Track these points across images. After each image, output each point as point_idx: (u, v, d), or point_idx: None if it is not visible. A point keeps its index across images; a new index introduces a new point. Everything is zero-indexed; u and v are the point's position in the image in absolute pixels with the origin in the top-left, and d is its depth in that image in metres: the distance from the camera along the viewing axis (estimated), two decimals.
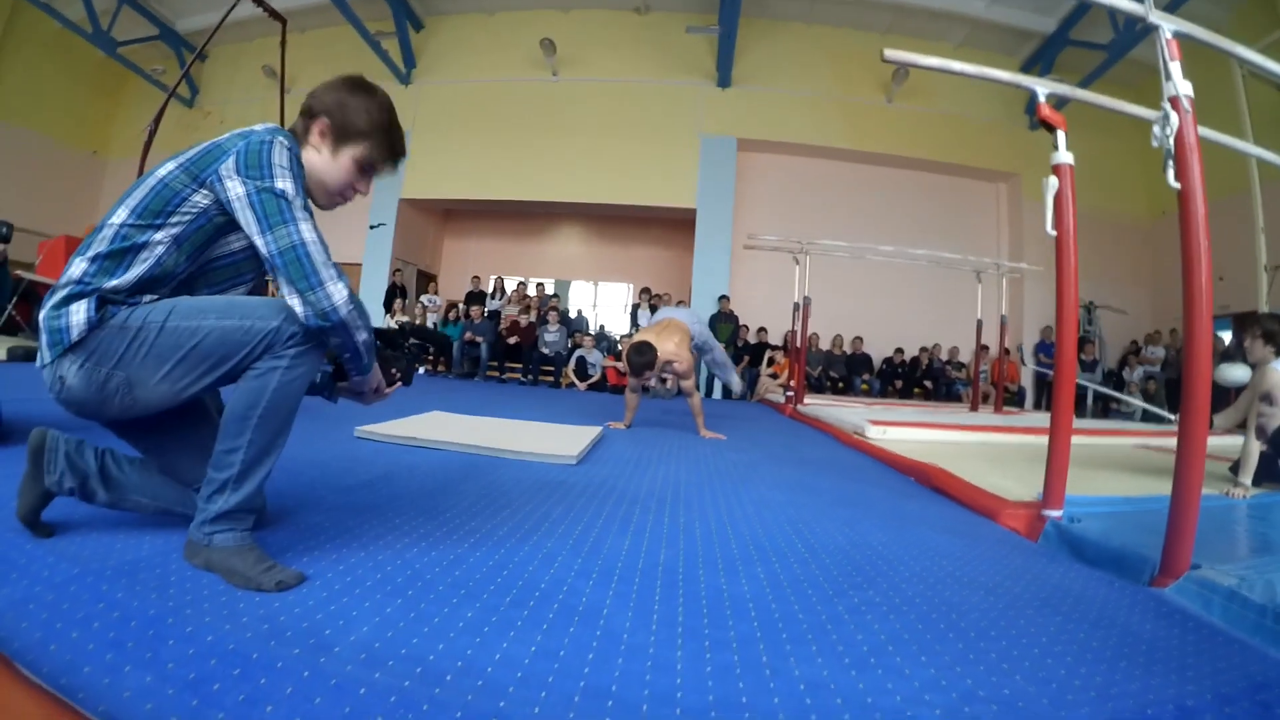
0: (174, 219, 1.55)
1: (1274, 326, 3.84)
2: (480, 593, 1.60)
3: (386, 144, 1.84)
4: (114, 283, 1.51)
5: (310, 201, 1.73)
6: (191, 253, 1.61)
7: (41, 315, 1.50)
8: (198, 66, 16.08)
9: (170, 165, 1.58)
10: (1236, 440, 3.96)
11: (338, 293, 1.56)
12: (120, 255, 1.52)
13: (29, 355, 7.25)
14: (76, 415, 1.58)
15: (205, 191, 1.56)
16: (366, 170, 1.83)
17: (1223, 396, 5.53)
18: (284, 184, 1.57)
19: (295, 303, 1.54)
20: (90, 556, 1.57)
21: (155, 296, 1.58)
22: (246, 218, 1.55)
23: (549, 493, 2.80)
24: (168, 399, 1.55)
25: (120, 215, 1.54)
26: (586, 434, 4.46)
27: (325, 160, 1.76)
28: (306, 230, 1.57)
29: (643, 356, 5.14)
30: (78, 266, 1.51)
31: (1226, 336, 12.38)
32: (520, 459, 3.57)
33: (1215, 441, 5.58)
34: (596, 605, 1.59)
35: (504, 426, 4.66)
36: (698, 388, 5.42)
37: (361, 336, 1.67)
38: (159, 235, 1.55)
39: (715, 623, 1.54)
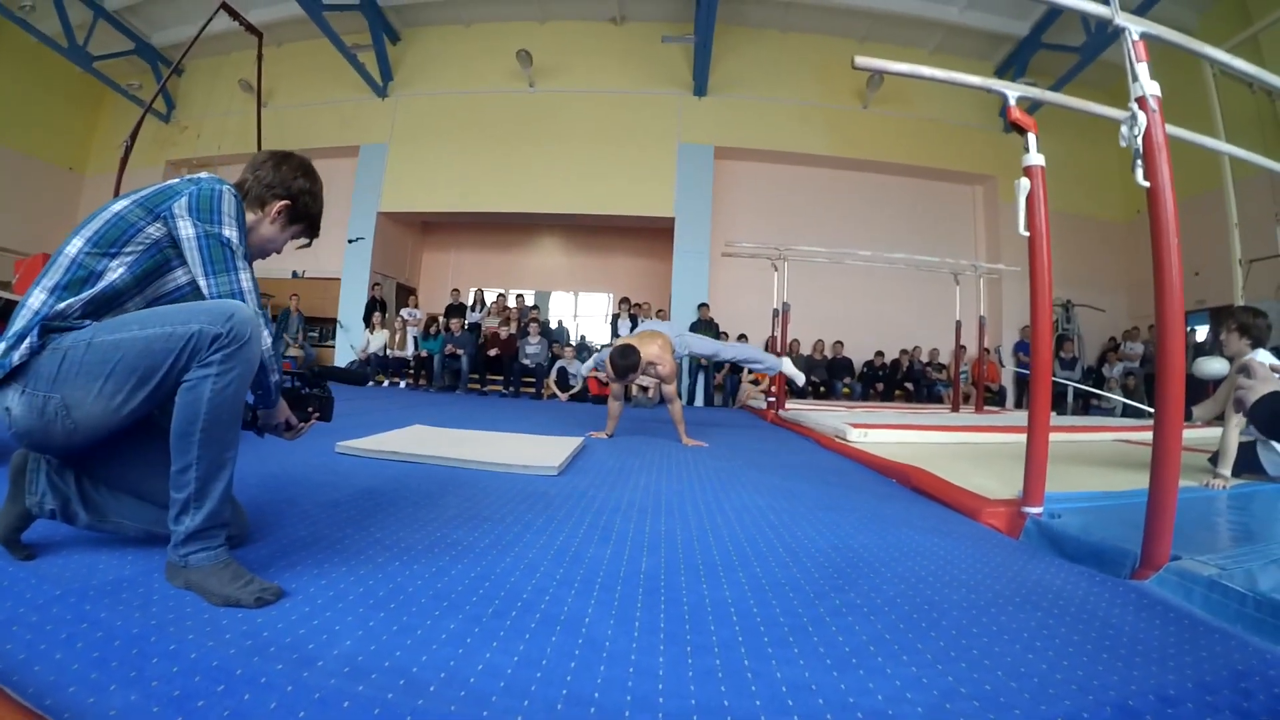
0: (128, 249, 1.64)
1: (1248, 319, 3.89)
2: (463, 604, 1.60)
3: (316, 230, 2.10)
4: (65, 304, 1.57)
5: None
6: (143, 279, 1.67)
7: (1, 341, 1.53)
8: (174, 81, 15.95)
9: (124, 202, 1.68)
10: (1216, 432, 4.00)
11: (266, 339, 1.69)
12: (77, 285, 1.59)
13: None
14: (29, 448, 1.62)
15: (159, 225, 1.66)
16: (285, 244, 2.05)
17: (1201, 389, 5.60)
18: (230, 232, 1.71)
19: None
20: (72, 577, 1.57)
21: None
22: (194, 258, 1.68)
23: (531, 503, 2.80)
24: (107, 419, 1.55)
25: (76, 245, 1.61)
26: (568, 444, 4.45)
27: (274, 231, 1.95)
28: (245, 280, 1.74)
29: (627, 359, 5.14)
30: (36, 297, 1.57)
31: (1203, 331, 12.52)
32: (502, 471, 3.56)
33: (1195, 434, 5.67)
34: (579, 614, 1.60)
35: (485, 439, 4.64)
36: (679, 394, 5.40)
37: (274, 378, 1.85)
38: (114, 263, 1.62)
39: (697, 628, 1.55)
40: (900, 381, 13.77)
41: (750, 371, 12.58)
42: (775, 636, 1.52)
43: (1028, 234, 2.87)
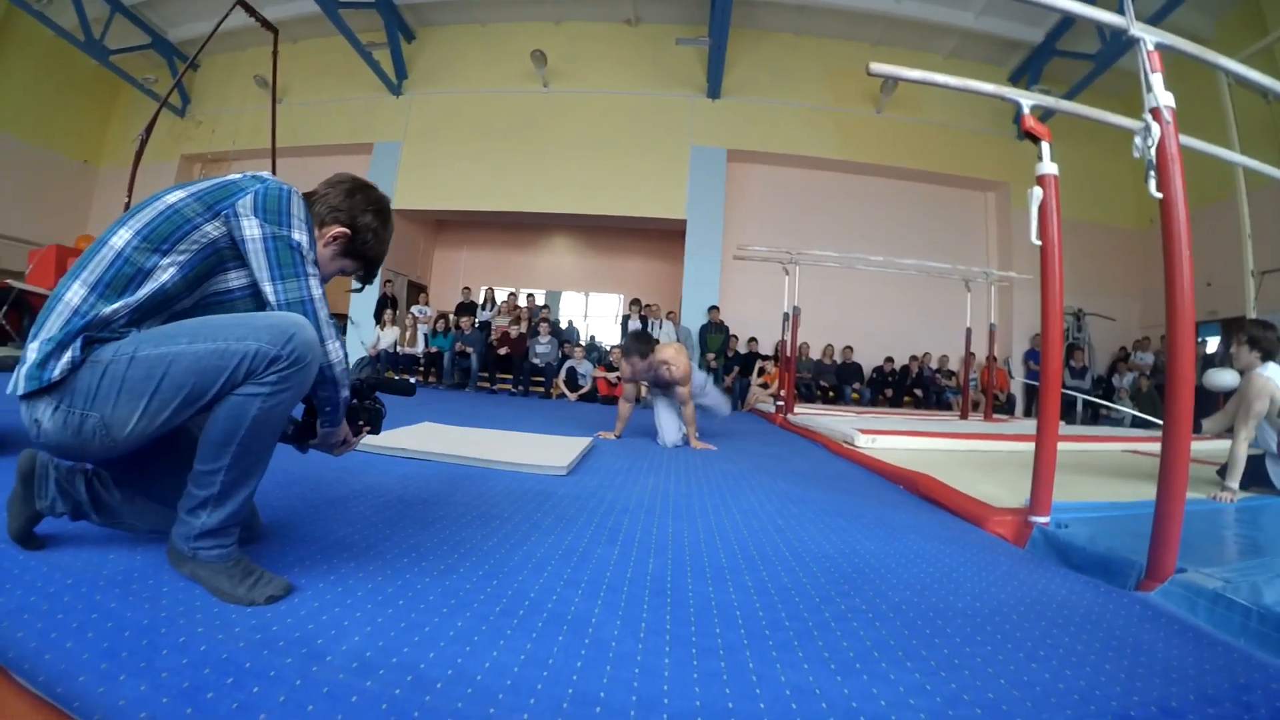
0: (181, 246, 1.52)
1: (1259, 332, 3.88)
2: (470, 602, 1.61)
3: (373, 274, 1.97)
4: (111, 308, 1.45)
5: None
6: (194, 282, 1.56)
7: (32, 343, 1.42)
8: (190, 76, 16.05)
9: (180, 193, 1.56)
10: (1225, 444, 3.99)
11: (335, 351, 1.65)
12: (123, 281, 1.47)
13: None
14: (59, 457, 1.54)
15: (217, 223, 1.55)
16: (336, 275, 1.92)
17: (1211, 401, 5.56)
18: (300, 236, 1.61)
19: None
20: (83, 567, 1.58)
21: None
22: (259, 261, 1.57)
23: (539, 503, 2.82)
24: (147, 434, 1.45)
25: (124, 237, 1.49)
26: (576, 445, 4.47)
27: (324, 257, 1.81)
28: (315, 287, 1.63)
29: (641, 343, 5.14)
30: (76, 292, 1.45)
31: (1214, 342, 12.46)
32: (511, 470, 3.58)
33: (1204, 446, 5.65)
34: (585, 614, 1.61)
35: (494, 437, 4.66)
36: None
37: (344, 394, 1.75)
38: (165, 261, 1.50)
39: (702, 630, 1.56)
40: (909, 388, 13.75)
41: (759, 375, 12.58)
42: (780, 640, 1.53)
43: (1040, 243, 2.87)
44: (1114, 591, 2.09)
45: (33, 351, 1.41)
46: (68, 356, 1.40)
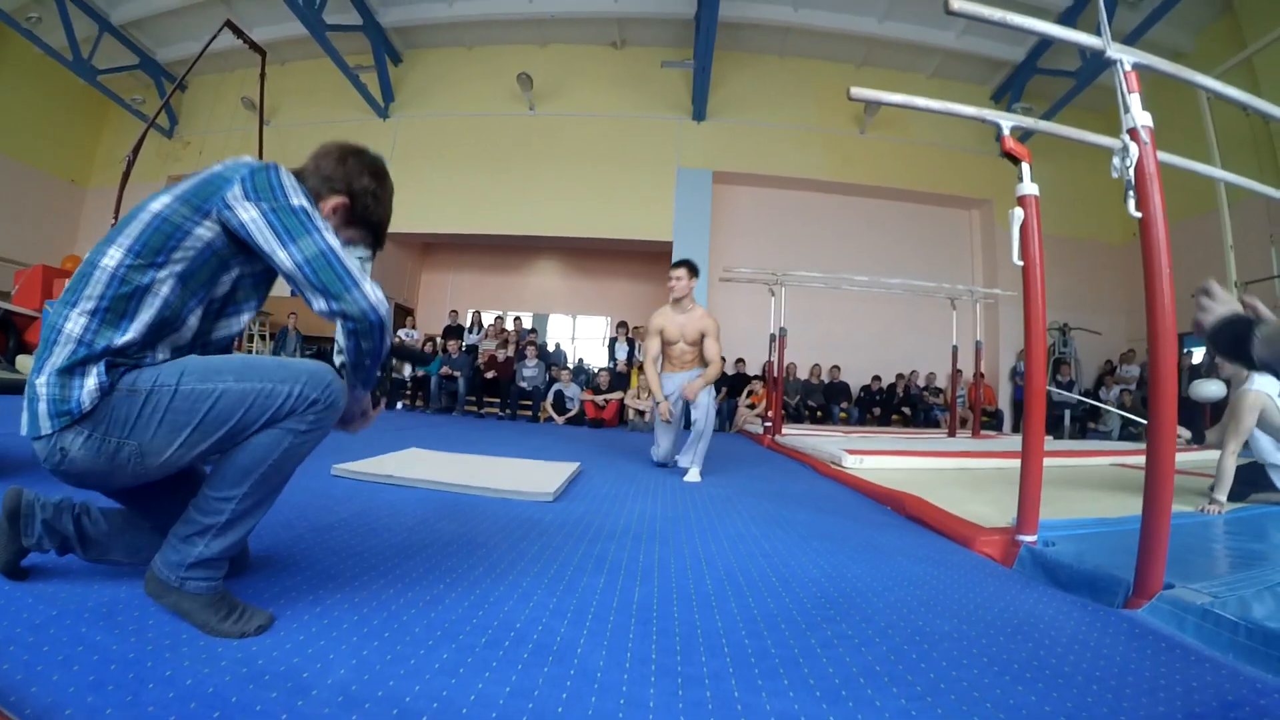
0: (177, 255, 1.46)
1: None
2: (457, 633, 1.61)
3: (380, 240, 1.92)
4: (124, 339, 1.41)
5: None
6: (198, 290, 1.52)
7: (38, 379, 1.38)
8: (177, 96, 16.09)
9: (164, 199, 1.49)
10: (1214, 455, 4.02)
11: (374, 293, 1.53)
12: (122, 302, 1.42)
13: (4, 389, 7.09)
14: (75, 486, 1.49)
15: (210, 223, 1.49)
16: (349, 245, 1.83)
17: (1198, 412, 5.57)
18: (299, 200, 1.53)
19: (324, 305, 1.50)
20: (68, 598, 1.57)
21: (169, 350, 1.51)
22: (265, 236, 1.48)
23: (525, 530, 2.81)
24: (180, 465, 1.48)
25: (114, 256, 1.43)
26: (563, 470, 4.46)
27: None
28: (331, 238, 1.53)
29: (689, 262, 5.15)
30: (75, 321, 1.39)
31: (1199, 353, 12.52)
32: (497, 496, 3.56)
33: (1192, 457, 5.68)
34: (571, 643, 1.60)
35: (481, 463, 4.65)
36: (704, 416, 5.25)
37: (389, 342, 1.65)
38: (161, 274, 1.44)
39: (688, 659, 1.56)
40: (897, 406, 13.81)
41: (747, 396, 12.58)
42: (766, 668, 1.53)
43: (1021, 264, 2.89)
44: (1101, 610, 2.10)
45: (43, 388, 1.37)
46: (92, 384, 1.37)
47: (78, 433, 1.38)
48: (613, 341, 13.80)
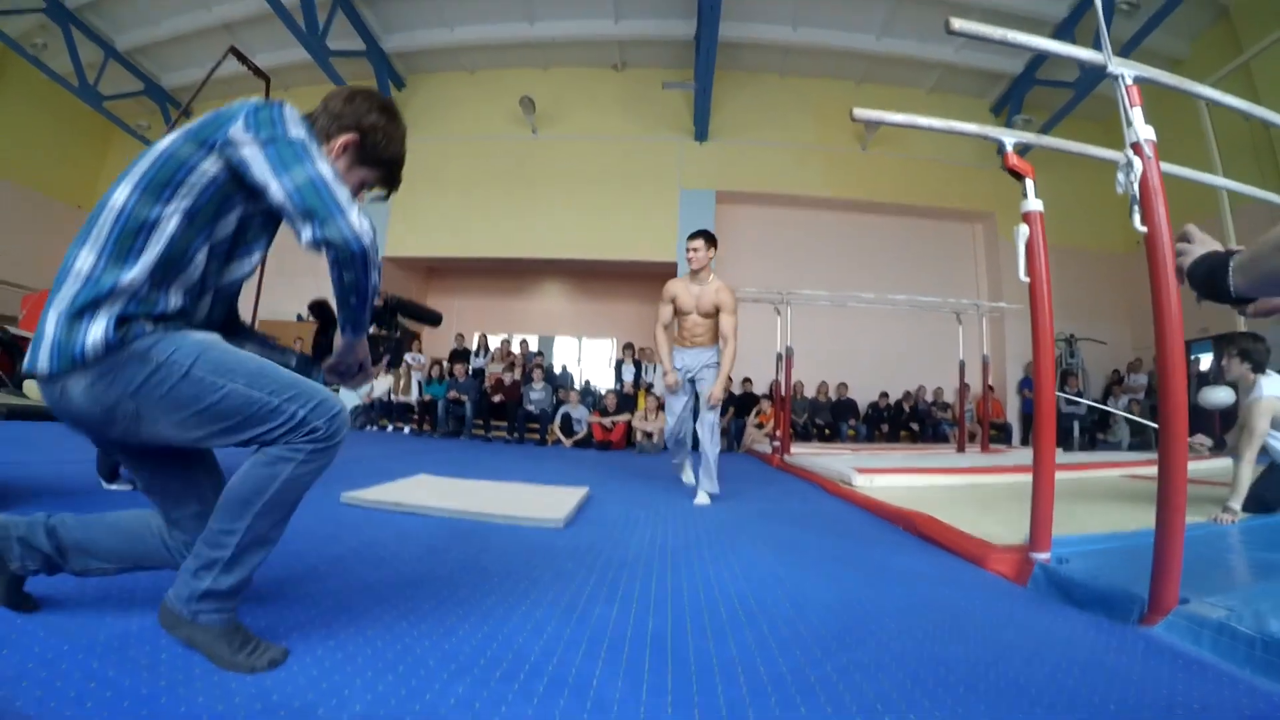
0: (183, 190, 1.46)
1: (1250, 344, 3.97)
2: (471, 666, 1.60)
3: (394, 178, 1.89)
4: (130, 275, 1.41)
5: None
6: (204, 227, 1.50)
7: (50, 317, 1.40)
8: (182, 122, 16.14)
9: (172, 136, 1.51)
10: (1228, 462, 4.03)
11: (360, 222, 1.46)
12: (129, 238, 1.42)
13: (11, 414, 7.12)
14: (71, 428, 1.51)
15: (214, 157, 1.48)
16: (358, 191, 1.80)
17: (1208, 419, 5.55)
18: (297, 132, 1.50)
19: (309, 233, 1.43)
20: (79, 630, 1.57)
21: (181, 293, 1.51)
22: (260, 167, 1.45)
23: (537, 558, 2.80)
24: (170, 441, 1.49)
25: (123, 192, 1.44)
26: (573, 495, 4.45)
27: (338, 171, 1.62)
28: (324, 167, 1.47)
29: (707, 233, 5.02)
30: (84, 260, 1.41)
31: (1207, 359, 12.47)
32: (508, 523, 3.56)
33: (1206, 465, 5.65)
34: (586, 676, 1.59)
35: (490, 489, 4.64)
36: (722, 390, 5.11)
37: (375, 278, 1.55)
38: (169, 209, 1.45)
39: (704, 689, 1.55)
40: (905, 422, 13.75)
41: (755, 415, 12.55)
42: (782, 697, 1.52)
43: (1028, 280, 2.90)
44: (1117, 628, 2.09)
45: (50, 327, 1.39)
46: (98, 334, 1.38)
47: (81, 377, 1.40)
48: (619, 363, 13.78)
